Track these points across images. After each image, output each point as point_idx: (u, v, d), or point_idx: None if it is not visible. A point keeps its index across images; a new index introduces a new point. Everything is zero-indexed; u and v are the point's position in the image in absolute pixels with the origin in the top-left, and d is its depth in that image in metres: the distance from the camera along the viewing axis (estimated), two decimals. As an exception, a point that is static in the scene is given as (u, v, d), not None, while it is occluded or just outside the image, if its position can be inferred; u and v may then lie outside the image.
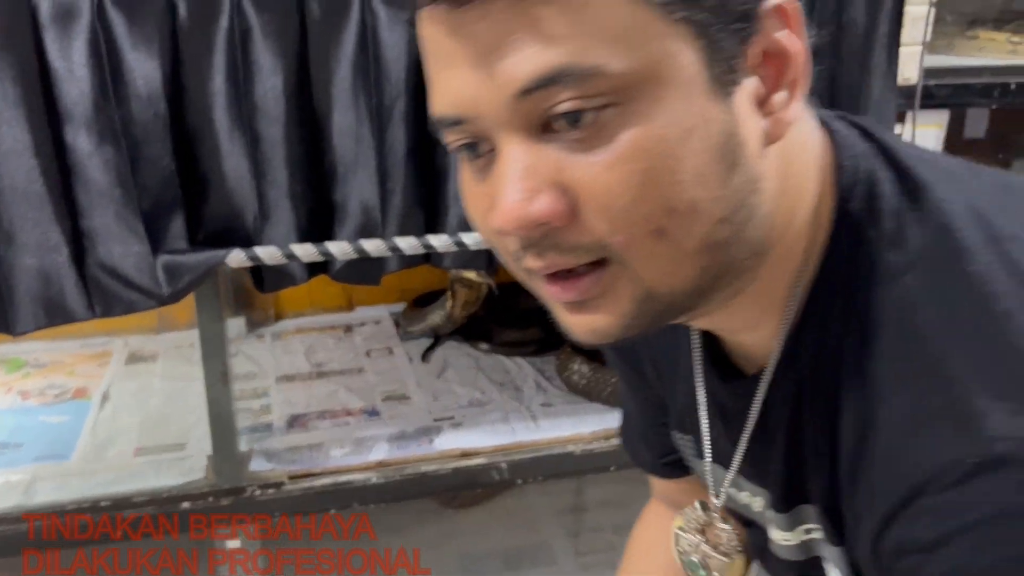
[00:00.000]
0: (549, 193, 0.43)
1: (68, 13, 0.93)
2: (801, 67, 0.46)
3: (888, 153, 0.50)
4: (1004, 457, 0.39)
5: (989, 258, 0.44)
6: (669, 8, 0.41)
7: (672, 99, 0.42)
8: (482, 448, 1.34)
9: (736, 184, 0.45)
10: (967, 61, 1.41)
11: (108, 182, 0.99)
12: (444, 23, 0.43)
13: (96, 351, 1.65)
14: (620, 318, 0.47)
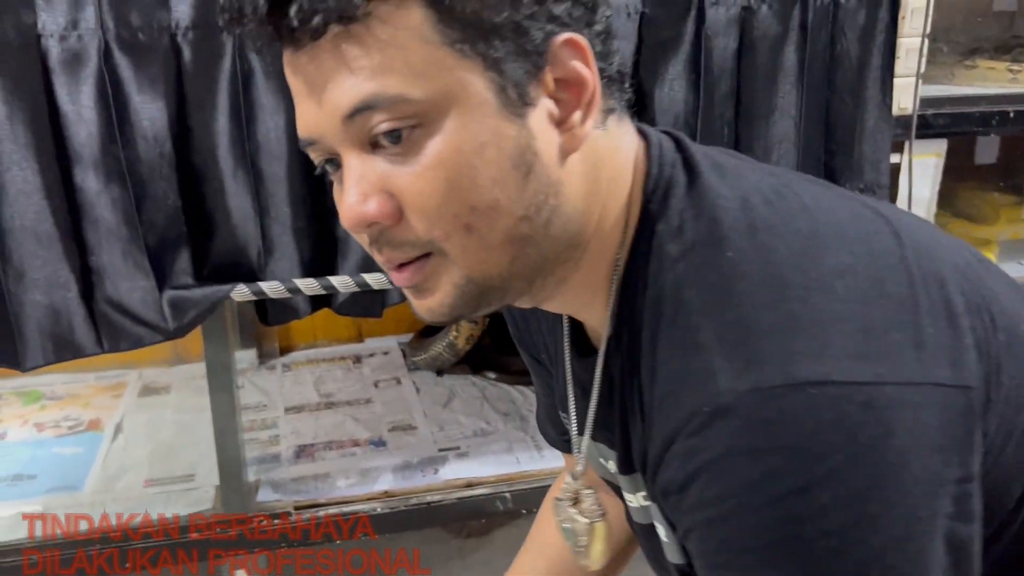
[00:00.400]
0: (377, 197, 0.53)
1: (77, 58, 0.97)
2: (592, 91, 0.55)
3: (689, 161, 0.59)
4: (729, 406, 0.48)
5: (743, 245, 0.53)
6: (459, 47, 0.51)
7: (467, 119, 0.52)
8: (486, 478, 1.35)
9: (533, 188, 0.54)
10: (965, 90, 1.42)
11: (115, 220, 1.02)
12: (289, 64, 0.53)
13: (111, 383, 1.68)
14: (447, 298, 0.56)
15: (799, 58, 1.15)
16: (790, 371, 0.48)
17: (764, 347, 0.49)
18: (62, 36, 0.96)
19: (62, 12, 0.95)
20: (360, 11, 0.49)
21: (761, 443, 0.47)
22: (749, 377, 0.48)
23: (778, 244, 0.52)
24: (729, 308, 0.51)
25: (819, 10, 1.15)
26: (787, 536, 0.47)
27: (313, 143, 0.55)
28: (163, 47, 0.99)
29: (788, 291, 0.50)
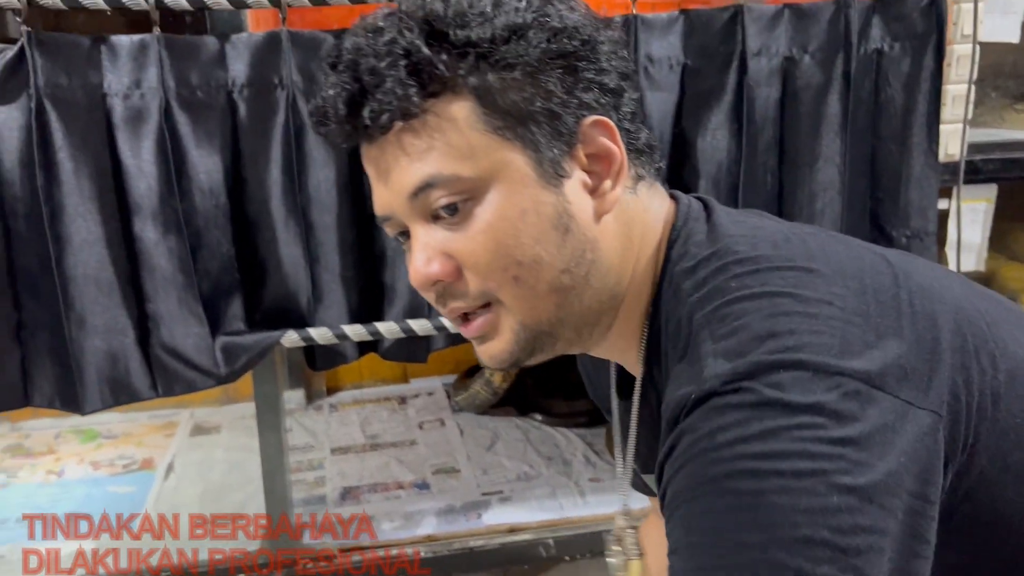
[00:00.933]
0: (439, 259, 0.62)
1: (139, 115, 1.02)
2: (620, 163, 0.64)
3: (710, 215, 0.67)
4: (712, 390, 0.54)
5: (746, 278, 0.60)
6: (501, 132, 0.60)
7: (510, 191, 0.61)
8: (530, 523, 1.35)
9: (571, 245, 0.63)
10: (1015, 135, 1.40)
11: (172, 269, 1.06)
12: (365, 155, 0.64)
13: (164, 422, 1.73)
14: (506, 344, 0.65)
15: (843, 107, 1.15)
16: (769, 358, 0.54)
17: (748, 344, 0.55)
18: (126, 95, 1.01)
19: (127, 72, 1.00)
20: (418, 109, 0.59)
21: (733, 402, 0.53)
22: (730, 365, 0.54)
23: (775, 277, 0.59)
24: (726, 322, 0.57)
25: (862, 59, 1.15)
26: (740, 471, 0.51)
27: (387, 219, 0.65)
28: (220, 104, 1.04)
29: (778, 308, 0.57)
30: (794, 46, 1.14)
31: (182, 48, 1.01)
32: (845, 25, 1.13)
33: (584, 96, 0.62)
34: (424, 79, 0.59)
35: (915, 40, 1.16)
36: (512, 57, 0.60)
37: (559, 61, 0.61)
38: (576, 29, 0.62)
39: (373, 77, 0.59)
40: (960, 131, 1.23)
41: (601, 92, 0.63)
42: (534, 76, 0.61)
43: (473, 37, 0.60)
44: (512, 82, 0.60)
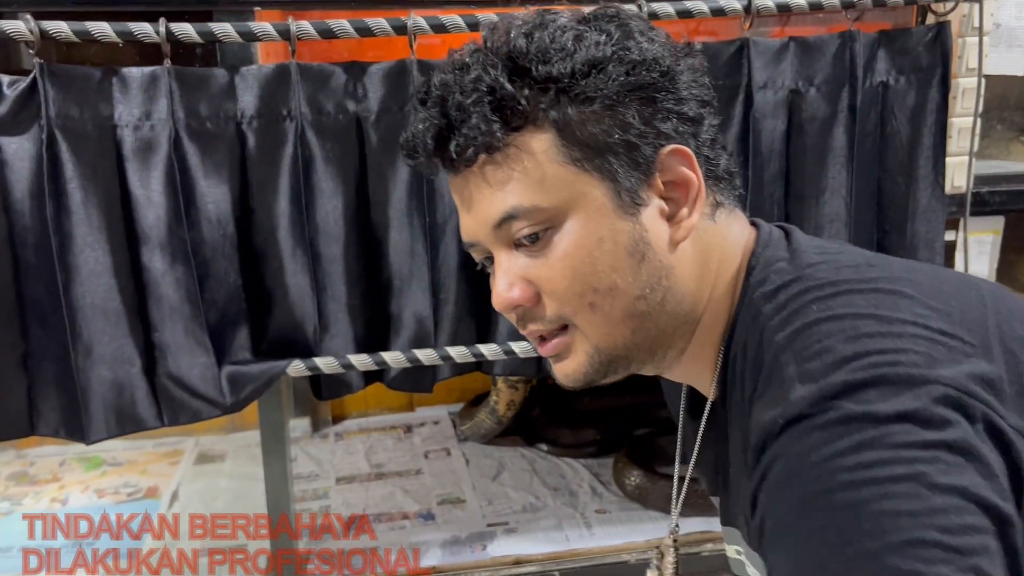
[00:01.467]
0: (520, 285, 0.66)
1: (149, 146, 1.02)
2: (698, 191, 0.65)
3: (792, 242, 0.68)
4: (799, 414, 0.54)
5: (829, 300, 0.60)
6: (580, 164, 0.63)
7: (587, 220, 0.64)
8: (535, 556, 1.33)
9: (647, 272, 0.65)
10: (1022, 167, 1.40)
11: (179, 299, 1.06)
12: (452, 186, 0.68)
13: (169, 450, 1.72)
14: (580, 365, 0.68)
15: (848, 139, 1.15)
16: (854, 376, 0.53)
17: (833, 366, 0.55)
18: (136, 126, 1.02)
19: (137, 104, 1.01)
20: (500, 143, 0.63)
21: (822, 422, 0.53)
22: (816, 386, 0.54)
23: (858, 298, 0.59)
24: (809, 345, 0.57)
25: (868, 92, 1.16)
26: (837, 485, 0.51)
27: (473, 246, 0.69)
28: (229, 135, 1.04)
29: (861, 330, 0.56)
30: (800, 79, 1.15)
31: (192, 80, 1.02)
32: (851, 58, 1.13)
33: (662, 126, 0.64)
34: (507, 114, 0.62)
35: (920, 73, 1.17)
36: (591, 91, 0.62)
37: (637, 93, 0.63)
38: (655, 61, 0.64)
39: (459, 113, 0.62)
40: (966, 163, 1.23)
41: (680, 121, 0.65)
42: (613, 108, 0.63)
43: (554, 72, 0.62)
44: (591, 115, 0.63)
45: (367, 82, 1.07)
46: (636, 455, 1.51)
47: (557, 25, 0.64)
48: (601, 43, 0.63)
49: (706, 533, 1.36)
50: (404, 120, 1.07)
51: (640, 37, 0.65)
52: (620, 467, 1.51)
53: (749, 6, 1.09)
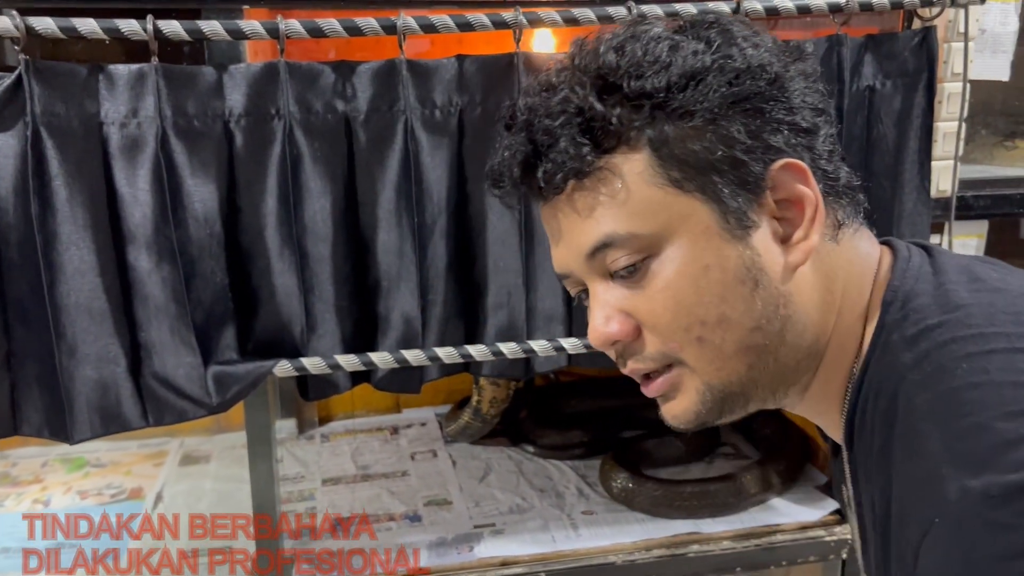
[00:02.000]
0: (618, 318, 0.61)
1: (135, 144, 1.02)
2: (816, 209, 0.59)
3: (938, 272, 0.60)
4: (959, 518, 0.48)
5: (980, 359, 0.52)
6: (679, 184, 0.58)
7: (690, 245, 0.58)
8: (522, 557, 1.33)
9: (762, 300, 0.59)
10: (1006, 171, 1.42)
11: (165, 298, 1.05)
12: (543, 214, 0.65)
13: (153, 451, 1.71)
14: (690, 404, 0.62)
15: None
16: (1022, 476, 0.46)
17: (994, 454, 0.47)
18: (122, 123, 1.01)
19: (124, 101, 1.00)
20: (592, 167, 0.58)
21: (1000, 549, 0.46)
22: (979, 483, 0.47)
23: (1019, 361, 0.51)
24: (959, 416, 0.50)
25: (855, 96, 1.16)
26: None
27: (566, 277, 0.65)
28: (216, 133, 1.04)
29: (1022, 404, 0.49)
30: (787, 82, 1.15)
31: (180, 77, 1.01)
32: (838, 62, 1.14)
33: (772, 139, 0.59)
34: (597, 135, 0.58)
35: (906, 78, 1.18)
36: (690, 105, 0.57)
37: (743, 104, 0.58)
38: (762, 68, 0.59)
39: (546, 137, 0.59)
40: (951, 168, 1.24)
41: (792, 132, 0.59)
42: (715, 123, 0.58)
43: (648, 87, 0.57)
44: (691, 131, 0.58)
45: (356, 82, 1.06)
46: (623, 458, 1.52)
47: (650, 36, 0.60)
48: (700, 52, 0.58)
49: (692, 535, 1.37)
50: (394, 120, 1.07)
51: (744, 43, 0.60)
52: (607, 469, 1.51)
53: (737, 9, 1.09)
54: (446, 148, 1.10)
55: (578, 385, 1.86)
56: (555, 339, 1.18)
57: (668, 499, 1.41)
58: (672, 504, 1.41)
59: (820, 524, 1.40)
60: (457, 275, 1.16)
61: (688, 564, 1.35)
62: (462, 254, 1.16)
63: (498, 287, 1.16)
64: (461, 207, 1.14)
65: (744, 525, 1.39)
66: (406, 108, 1.07)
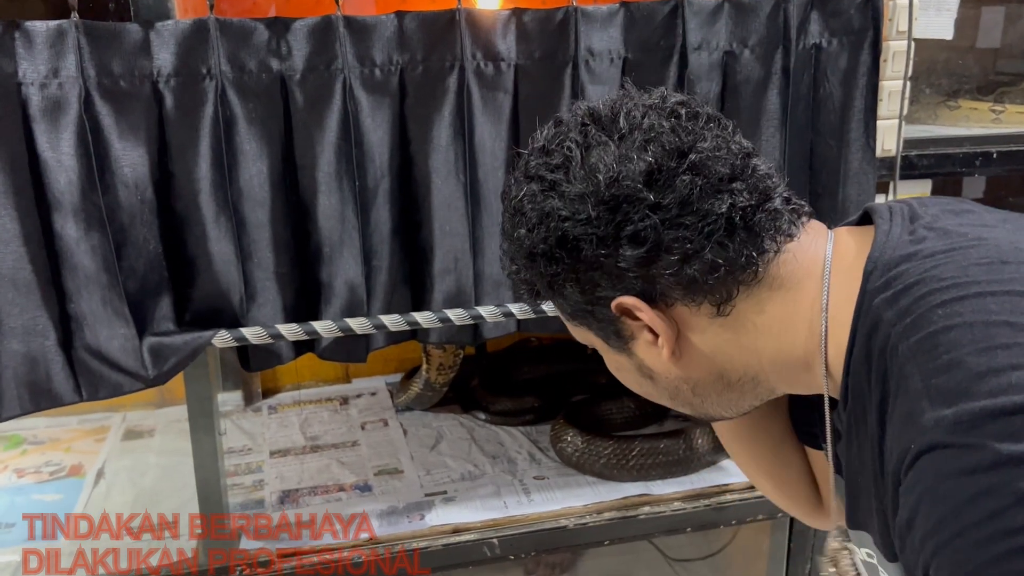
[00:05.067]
0: None
1: (57, 106, 0.97)
2: (659, 324, 0.67)
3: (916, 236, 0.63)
4: (934, 440, 0.52)
5: (955, 304, 0.56)
6: (576, 321, 0.72)
7: (604, 353, 0.74)
8: (474, 523, 1.32)
9: (663, 386, 0.73)
10: (949, 131, 1.43)
11: (95, 267, 1.01)
12: None
13: (94, 426, 1.66)
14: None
15: (782, 101, 1.15)
16: (992, 403, 0.50)
17: (966, 385, 0.51)
18: (43, 84, 0.96)
19: (43, 61, 0.95)
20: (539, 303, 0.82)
21: (968, 466, 0.50)
22: (951, 411, 0.51)
23: (989, 302, 0.55)
24: (936, 356, 0.54)
25: (801, 54, 1.16)
26: (1013, 548, 0.48)
27: None
28: (145, 94, 0.99)
29: (994, 340, 0.53)
30: (734, 40, 1.14)
31: (103, 35, 0.96)
32: (784, 20, 1.13)
33: (599, 291, 0.67)
34: (529, 289, 0.73)
35: (852, 36, 1.17)
36: (537, 281, 0.70)
37: (564, 276, 0.67)
38: (546, 239, 0.66)
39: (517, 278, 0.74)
40: (896, 127, 1.24)
41: (618, 273, 0.65)
42: (555, 291, 0.69)
43: (521, 273, 0.71)
44: (558, 294, 0.70)
45: (291, 39, 1.02)
46: (574, 419, 1.51)
47: (525, 197, 0.67)
48: (522, 236, 0.68)
49: (643, 496, 1.37)
50: (331, 79, 1.04)
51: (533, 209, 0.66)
52: (558, 432, 1.50)
53: (684, -35, 1.07)
54: (387, 108, 1.07)
55: (529, 351, 1.85)
56: (503, 304, 1.16)
57: (618, 459, 1.41)
58: (622, 465, 1.41)
59: (769, 483, 1.41)
60: (402, 240, 1.14)
61: (639, 525, 1.36)
62: (407, 219, 1.13)
63: (444, 252, 1.14)
64: (405, 170, 1.11)
65: (694, 486, 1.40)
66: (344, 67, 1.03)
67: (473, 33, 1.06)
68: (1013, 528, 0.47)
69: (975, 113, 1.49)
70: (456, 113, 1.08)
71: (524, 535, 1.32)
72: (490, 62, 1.08)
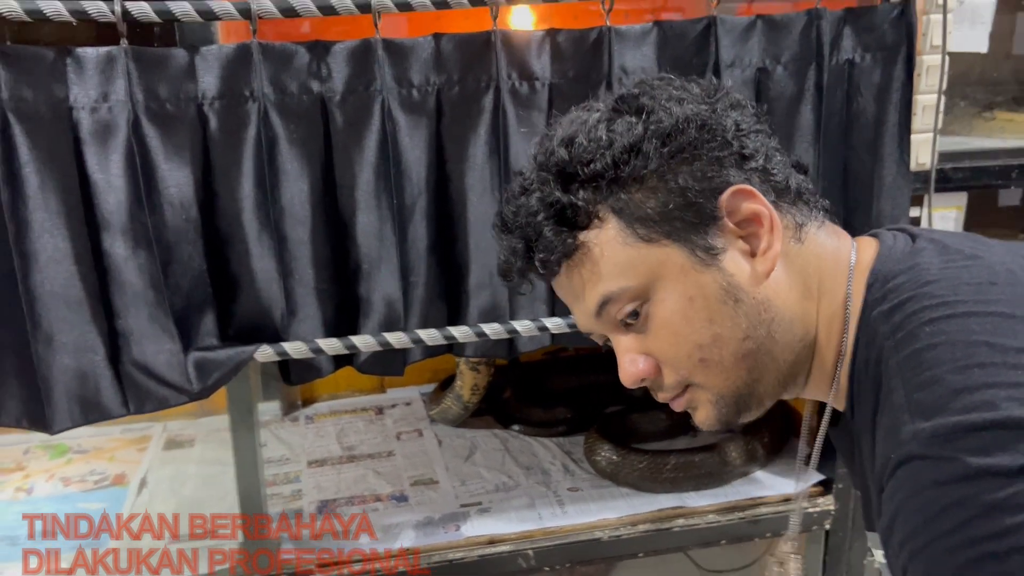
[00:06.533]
0: (641, 359, 0.72)
1: (107, 129, 1.00)
2: (770, 220, 0.68)
3: (917, 255, 0.67)
4: (909, 455, 0.56)
5: (942, 323, 0.59)
6: (648, 238, 0.68)
7: (673, 284, 0.68)
8: (509, 535, 1.34)
9: (744, 311, 0.68)
10: (984, 143, 1.42)
11: (142, 285, 1.04)
12: (555, 289, 0.76)
13: (136, 436, 1.70)
14: (709, 413, 0.73)
15: (815, 117, 1.15)
16: (966, 418, 0.54)
17: (944, 401, 0.55)
18: (93, 108, 0.99)
19: (93, 86, 0.98)
20: (574, 246, 0.69)
21: (941, 478, 0.54)
22: (928, 425, 0.55)
23: (972, 322, 0.58)
24: (919, 372, 0.58)
25: (834, 70, 1.16)
26: (980, 555, 0.51)
27: (590, 333, 0.76)
28: (190, 117, 1.02)
29: (973, 359, 0.56)
30: (767, 57, 1.15)
31: (150, 60, 0.99)
32: (817, 36, 1.14)
33: (715, 176, 0.68)
34: (571, 219, 0.69)
35: (885, 51, 1.17)
36: (637, 172, 0.67)
37: (680, 155, 0.68)
38: (687, 120, 0.68)
39: (533, 232, 0.71)
40: (931, 140, 1.24)
41: (732, 162, 0.68)
42: (663, 179, 0.67)
43: (598, 168, 0.68)
44: (644, 192, 0.68)
45: (331, 62, 1.05)
46: (607, 432, 1.52)
47: (590, 123, 0.70)
48: (632, 124, 0.68)
49: (677, 509, 1.38)
50: (370, 100, 1.06)
51: (668, 103, 0.69)
52: (591, 444, 1.51)
53: (717, -16, 1.08)
54: (424, 128, 1.09)
55: (561, 362, 1.87)
56: (538, 319, 1.18)
57: (653, 471, 1.42)
58: (657, 478, 1.42)
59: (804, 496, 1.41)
60: (438, 256, 1.16)
61: (674, 538, 1.36)
62: (443, 235, 1.15)
63: (480, 267, 1.16)
64: (441, 187, 1.13)
65: (728, 498, 1.41)
66: (383, 88, 1.05)
67: (508, 53, 1.07)
68: (980, 537, 0.51)
69: (1011, 125, 1.48)
70: (492, 132, 1.10)
71: (558, 547, 1.33)
72: (525, 81, 1.09)
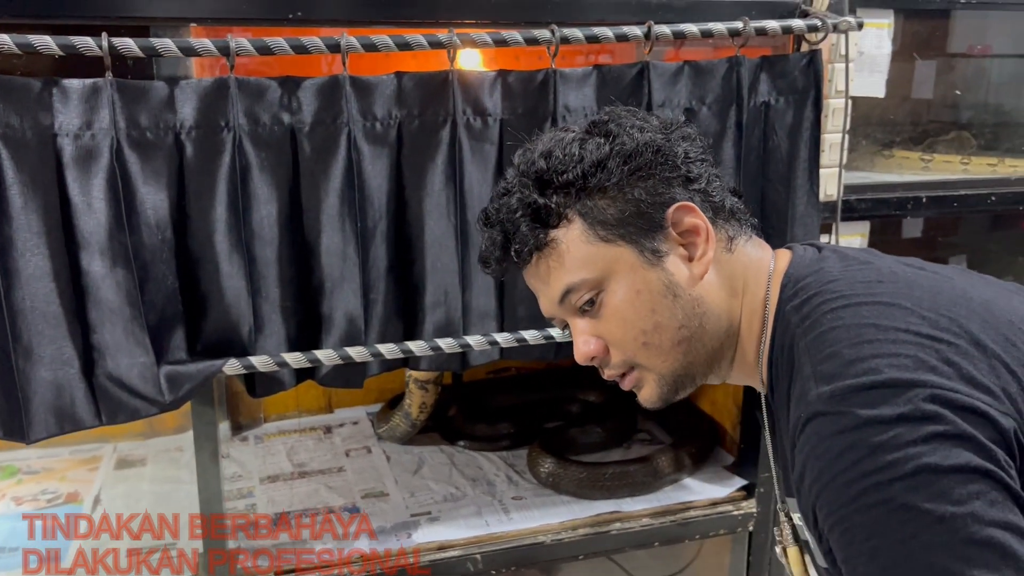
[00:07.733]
0: (593, 341, 0.86)
1: (89, 154, 1.06)
2: (706, 232, 0.83)
3: (822, 263, 0.83)
4: (816, 410, 0.69)
5: (840, 311, 0.75)
6: (607, 239, 0.82)
7: (624, 278, 0.83)
8: (458, 540, 1.42)
9: (681, 306, 0.83)
10: (884, 178, 1.59)
11: (119, 301, 1.10)
12: (525, 278, 0.90)
13: (86, 456, 1.72)
14: (652, 391, 0.87)
15: (736, 152, 1.29)
16: (857, 381, 0.67)
17: (840, 369, 0.69)
18: (76, 135, 1.05)
19: (78, 114, 1.05)
20: (545, 241, 0.83)
21: (838, 428, 0.67)
22: (828, 388, 0.69)
23: (864, 310, 0.74)
24: (822, 349, 0.73)
25: (752, 111, 1.30)
26: (870, 485, 0.64)
27: (552, 318, 0.89)
28: (168, 144, 1.09)
29: (862, 337, 0.71)
30: (693, 98, 1.28)
31: (133, 92, 1.06)
32: (737, 81, 1.28)
33: (664, 192, 0.83)
34: (544, 219, 0.83)
35: (797, 95, 1.32)
36: (601, 183, 0.82)
37: (638, 174, 0.82)
38: (646, 145, 0.83)
39: (511, 227, 0.84)
40: (837, 174, 1.39)
41: (679, 182, 0.83)
42: (622, 191, 0.82)
43: (569, 178, 0.82)
44: (606, 200, 0.82)
45: (301, 96, 1.14)
46: (548, 445, 1.62)
47: (566, 141, 0.84)
48: (600, 144, 0.83)
49: (614, 513, 1.48)
50: (337, 132, 1.15)
51: (631, 129, 0.84)
52: (534, 457, 1.61)
53: (649, 33, 1.21)
54: (386, 157, 1.18)
55: (504, 382, 1.96)
56: (489, 334, 1.27)
57: (591, 481, 1.52)
58: (595, 485, 1.52)
59: (728, 500, 1.53)
60: (397, 276, 1.24)
61: (611, 540, 1.46)
62: (402, 256, 1.24)
63: (435, 287, 1.25)
64: (400, 212, 1.22)
65: (661, 503, 1.52)
66: (349, 120, 1.15)
67: (464, 91, 1.18)
68: (869, 470, 0.64)
69: (907, 161, 1.66)
70: (448, 162, 1.20)
71: (505, 551, 1.42)
72: (479, 117, 1.20)
